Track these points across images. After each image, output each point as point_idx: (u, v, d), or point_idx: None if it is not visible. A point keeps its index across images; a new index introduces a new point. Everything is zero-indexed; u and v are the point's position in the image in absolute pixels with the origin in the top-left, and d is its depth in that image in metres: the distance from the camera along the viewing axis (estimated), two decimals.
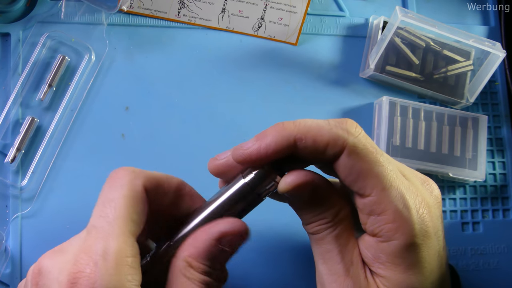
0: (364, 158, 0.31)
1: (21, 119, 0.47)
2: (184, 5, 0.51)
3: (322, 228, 0.33)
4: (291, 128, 0.32)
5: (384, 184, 0.31)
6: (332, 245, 0.33)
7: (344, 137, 0.31)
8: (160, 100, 0.49)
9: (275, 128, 0.32)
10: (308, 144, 0.31)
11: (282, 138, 0.32)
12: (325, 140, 0.31)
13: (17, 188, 0.46)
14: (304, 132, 0.32)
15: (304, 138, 0.31)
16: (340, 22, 0.54)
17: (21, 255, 0.45)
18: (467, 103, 0.53)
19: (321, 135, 0.31)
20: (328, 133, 0.31)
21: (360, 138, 0.32)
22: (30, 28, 0.48)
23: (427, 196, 0.34)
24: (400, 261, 0.32)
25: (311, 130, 0.32)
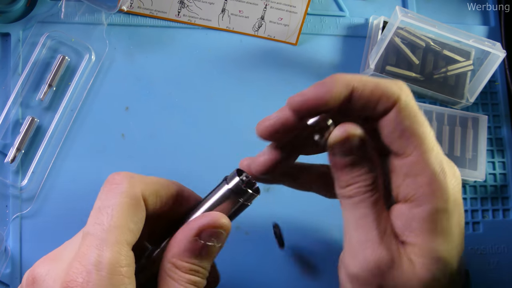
0: (412, 116, 0.32)
1: (21, 119, 0.47)
2: (184, 5, 0.51)
3: (361, 191, 0.33)
4: (349, 77, 0.32)
5: (427, 146, 0.32)
6: (369, 210, 0.32)
7: (398, 93, 0.32)
8: (160, 100, 0.49)
9: (333, 76, 0.32)
10: (364, 95, 0.32)
11: (342, 85, 0.32)
12: (380, 92, 0.32)
13: (17, 188, 0.46)
14: (363, 82, 0.32)
15: (362, 88, 0.32)
16: (340, 22, 0.54)
17: (21, 255, 0.44)
18: (467, 103, 0.53)
19: (377, 87, 0.32)
20: (384, 87, 0.32)
21: (411, 98, 0.32)
22: (30, 28, 0.48)
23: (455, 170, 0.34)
24: (432, 227, 0.31)
25: (369, 82, 0.32)
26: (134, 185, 0.32)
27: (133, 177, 0.32)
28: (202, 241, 0.32)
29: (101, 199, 0.32)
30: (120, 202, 0.31)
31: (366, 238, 0.32)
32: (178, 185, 0.35)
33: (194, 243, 0.32)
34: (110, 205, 0.31)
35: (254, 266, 0.47)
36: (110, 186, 0.32)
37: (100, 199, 0.32)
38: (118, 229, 0.30)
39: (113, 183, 0.32)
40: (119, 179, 0.32)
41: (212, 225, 0.33)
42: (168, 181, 0.34)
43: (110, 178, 0.32)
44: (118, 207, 0.31)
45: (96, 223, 0.31)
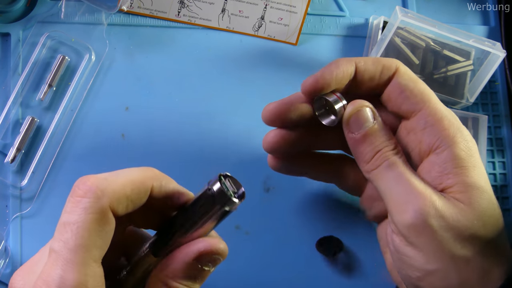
0: (414, 79, 0.38)
1: (21, 119, 0.47)
2: (184, 5, 0.51)
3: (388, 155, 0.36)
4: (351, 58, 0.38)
5: (434, 99, 0.37)
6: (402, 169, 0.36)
7: (396, 63, 0.38)
8: (160, 100, 0.49)
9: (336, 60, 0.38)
10: (367, 68, 0.38)
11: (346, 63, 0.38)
12: (381, 65, 0.38)
13: (17, 188, 0.46)
14: (364, 59, 0.38)
15: (364, 63, 0.38)
16: (340, 22, 0.54)
17: (21, 255, 0.44)
18: (467, 103, 0.53)
19: (377, 61, 0.38)
20: (383, 59, 0.38)
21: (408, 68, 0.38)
22: (30, 28, 0.48)
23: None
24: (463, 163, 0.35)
25: (369, 58, 0.38)
26: (100, 198, 0.29)
27: (99, 188, 0.29)
28: (199, 265, 0.32)
29: (66, 212, 0.30)
30: (85, 219, 0.29)
31: (409, 191, 0.35)
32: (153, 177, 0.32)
33: (192, 266, 0.32)
34: (74, 222, 0.29)
35: (254, 266, 0.47)
36: (75, 199, 0.30)
37: (66, 212, 0.30)
38: (83, 248, 0.29)
39: (78, 195, 0.29)
40: (84, 190, 0.29)
41: (212, 251, 0.32)
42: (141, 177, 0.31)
43: (75, 187, 0.30)
44: (83, 225, 0.29)
45: (61, 240, 0.29)
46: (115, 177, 0.30)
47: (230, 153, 0.49)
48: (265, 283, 0.47)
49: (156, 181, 0.32)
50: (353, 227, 0.49)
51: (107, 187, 0.29)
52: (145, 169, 0.32)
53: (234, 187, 0.32)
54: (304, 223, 0.49)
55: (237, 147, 0.50)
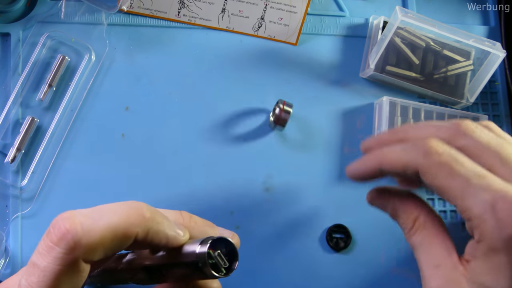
0: (437, 175, 0.33)
1: (21, 119, 0.47)
2: (184, 5, 0.51)
3: (405, 234, 0.37)
4: (377, 154, 0.37)
5: (463, 194, 0.33)
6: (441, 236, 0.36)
7: (416, 160, 0.34)
8: (160, 100, 0.49)
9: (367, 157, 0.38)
10: (391, 170, 0.36)
11: (369, 165, 0.38)
12: (400, 163, 0.35)
13: (17, 188, 0.46)
14: (384, 158, 0.37)
15: (384, 163, 0.36)
16: (340, 22, 0.54)
17: (21, 255, 0.44)
18: (467, 103, 0.53)
19: (398, 159, 0.36)
20: (405, 157, 0.35)
21: (434, 158, 0.33)
22: (30, 28, 0.48)
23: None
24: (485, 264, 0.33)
25: (389, 155, 0.36)
26: (73, 249, 0.27)
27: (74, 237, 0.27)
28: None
29: (38, 252, 0.28)
30: (53, 269, 0.27)
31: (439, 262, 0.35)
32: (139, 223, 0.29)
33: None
34: (43, 269, 0.27)
35: (254, 266, 0.47)
36: (47, 243, 0.28)
37: (38, 251, 0.28)
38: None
39: (52, 240, 0.27)
40: (58, 236, 0.27)
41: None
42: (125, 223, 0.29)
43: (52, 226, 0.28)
44: (51, 274, 0.27)
45: (27, 282, 0.28)
46: (95, 223, 0.28)
47: (230, 153, 0.49)
48: (265, 283, 0.47)
49: (142, 228, 0.29)
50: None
51: (83, 238, 0.27)
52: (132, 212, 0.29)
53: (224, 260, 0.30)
54: (304, 223, 0.49)
55: (237, 147, 0.50)
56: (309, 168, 0.50)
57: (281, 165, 0.50)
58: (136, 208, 0.29)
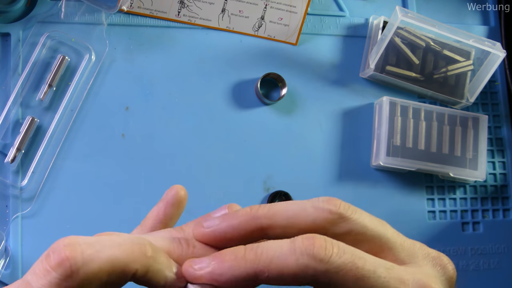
0: (343, 281, 0.27)
1: (21, 119, 0.47)
2: (184, 5, 0.51)
3: None
4: (251, 258, 0.27)
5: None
6: None
7: (312, 267, 0.27)
8: (160, 100, 0.49)
9: (235, 256, 0.28)
10: (271, 277, 0.27)
11: (240, 269, 0.27)
12: (291, 272, 0.27)
13: (17, 188, 0.45)
14: (266, 264, 0.27)
15: (266, 271, 0.27)
16: (340, 22, 0.54)
17: (21, 255, 0.44)
18: (467, 103, 0.53)
19: (286, 266, 0.27)
20: (295, 264, 0.27)
21: (333, 261, 0.27)
22: (30, 28, 0.48)
23: (437, 280, 0.30)
24: None
25: (274, 261, 0.27)
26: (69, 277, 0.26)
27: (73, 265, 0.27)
28: None
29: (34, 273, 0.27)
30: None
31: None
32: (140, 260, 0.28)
33: None
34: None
35: None
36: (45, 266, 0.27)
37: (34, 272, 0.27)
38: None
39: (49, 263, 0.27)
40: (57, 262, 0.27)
41: None
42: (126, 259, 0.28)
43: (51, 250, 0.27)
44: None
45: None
46: (96, 254, 0.27)
47: (230, 153, 0.49)
48: None
49: (142, 266, 0.28)
50: None
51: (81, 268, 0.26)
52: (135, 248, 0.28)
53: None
54: None
55: (237, 147, 0.50)
56: (309, 168, 0.50)
57: (281, 165, 0.50)
58: (140, 244, 0.28)
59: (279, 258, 0.27)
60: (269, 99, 0.50)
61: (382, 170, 0.52)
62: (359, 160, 0.52)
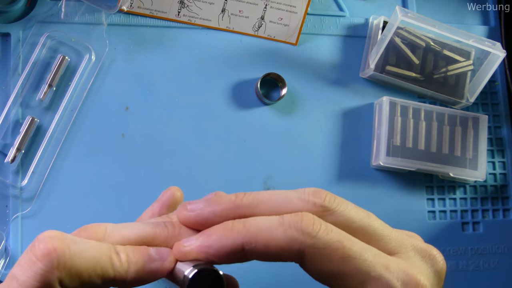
0: (330, 258, 0.27)
1: (21, 119, 0.47)
2: (184, 5, 0.51)
3: None
4: (239, 229, 0.27)
5: (362, 279, 0.27)
6: None
7: (299, 240, 0.27)
8: (160, 100, 0.49)
9: (222, 229, 0.28)
10: (258, 249, 0.27)
11: (227, 240, 0.27)
12: (278, 244, 0.27)
13: (17, 188, 0.45)
14: (253, 234, 0.27)
15: (253, 241, 0.27)
16: (340, 22, 0.54)
17: (21, 255, 0.44)
18: (467, 103, 0.53)
19: (273, 238, 0.27)
20: (282, 236, 0.27)
21: (320, 236, 0.27)
22: (30, 28, 0.48)
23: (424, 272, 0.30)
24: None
25: (261, 232, 0.27)
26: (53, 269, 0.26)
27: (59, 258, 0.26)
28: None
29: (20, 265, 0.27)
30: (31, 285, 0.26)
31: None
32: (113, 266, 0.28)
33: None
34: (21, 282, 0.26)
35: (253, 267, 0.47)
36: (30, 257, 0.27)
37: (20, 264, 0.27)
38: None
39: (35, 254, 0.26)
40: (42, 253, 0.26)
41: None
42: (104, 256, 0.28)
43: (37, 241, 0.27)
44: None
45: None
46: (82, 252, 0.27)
47: (230, 153, 0.49)
48: (265, 285, 0.47)
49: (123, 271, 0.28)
50: None
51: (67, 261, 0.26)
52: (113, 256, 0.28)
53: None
54: None
55: (237, 147, 0.50)
56: (309, 168, 0.50)
57: (281, 165, 0.50)
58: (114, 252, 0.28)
59: (266, 230, 0.27)
60: (269, 99, 0.50)
61: (382, 170, 0.52)
62: (359, 160, 0.52)
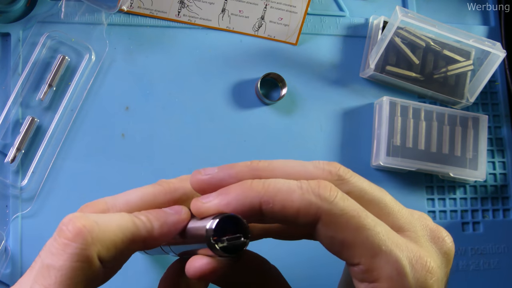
0: (345, 225, 0.27)
1: (21, 119, 0.47)
2: (184, 5, 0.51)
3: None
4: (258, 188, 0.27)
5: (373, 250, 0.27)
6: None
7: (317, 204, 0.27)
8: (160, 100, 0.49)
9: (241, 186, 0.28)
10: (276, 209, 0.27)
11: (246, 199, 0.27)
12: (295, 206, 0.27)
13: (17, 188, 0.46)
14: (272, 194, 0.27)
15: (272, 201, 0.27)
16: (340, 22, 0.54)
17: (21, 255, 0.44)
18: (467, 103, 0.53)
19: (291, 200, 0.27)
20: (300, 199, 0.27)
21: (337, 202, 0.27)
22: (30, 28, 0.48)
23: (432, 254, 0.30)
24: None
25: (280, 193, 0.27)
26: (89, 245, 0.27)
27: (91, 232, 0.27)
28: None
29: (51, 254, 0.27)
30: (71, 267, 0.26)
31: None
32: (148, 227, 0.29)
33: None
34: (59, 268, 0.26)
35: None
36: (62, 241, 0.27)
37: (51, 253, 0.27)
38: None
39: (66, 237, 0.27)
40: (73, 233, 0.27)
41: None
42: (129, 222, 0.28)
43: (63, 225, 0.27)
44: (69, 273, 0.26)
45: (43, 286, 0.26)
46: (108, 222, 0.28)
47: (230, 153, 0.49)
48: None
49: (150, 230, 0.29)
50: None
51: (98, 234, 0.27)
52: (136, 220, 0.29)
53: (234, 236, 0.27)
54: None
55: (237, 147, 0.50)
56: None
57: None
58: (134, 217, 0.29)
59: (285, 191, 0.27)
60: (269, 99, 0.50)
61: (382, 170, 0.52)
62: (359, 160, 0.52)
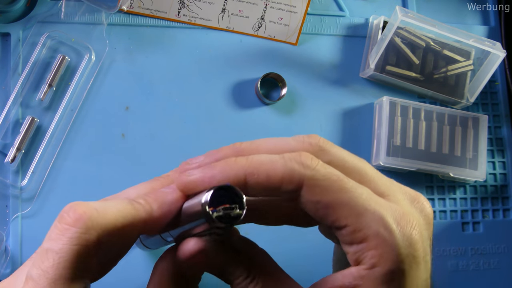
0: (328, 189, 0.28)
1: (21, 119, 0.47)
2: (184, 5, 0.51)
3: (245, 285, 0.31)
4: (242, 162, 0.29)
5: (358, 210, 0.28)
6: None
7: (300, 171, 0.28)
8: (160, 100, 0.49)
9: (225, 161, 0.29)
10: (260, 180, 0.28)
11: (231, 171, 0.29)
12: (279, 174, 0.28)
13: (17, 188, 0.46)
14: (256, 166, 0.29)
15: (256, 172, 0.28)
16: (340, 22, 0.54)
17: (21, 255, 0.44)
18: (467, 103, 0.53)
19: (274, 169, 0.28)
20: (283, 168, 0.28)
21: (319, 168, 0.28)
22: (30, 28, 0.48)
23: (414, 214, 0.30)
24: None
25: (263, 165, 0.29)
26: (89, 229, 0.27)
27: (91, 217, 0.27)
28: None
29: (50, 239, 0.27)
30: (70, 250, 0.27)
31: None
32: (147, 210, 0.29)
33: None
34: (58, 251, 0.27)
35: None
36: (62, 226, 0.27)
37: (50, 238, 0.27)
38: (64, 280, 0.26)
39: (67, 222, 0.27)
40: (74, 218, 0.27)
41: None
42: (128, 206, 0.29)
43: (64, 213, 0.28)
44: (67, 256, 0.26)
45: (40, 268, 0.27)
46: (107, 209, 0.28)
47: None
48: None
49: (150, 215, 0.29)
50: None
51: (98, 219, 0.27)
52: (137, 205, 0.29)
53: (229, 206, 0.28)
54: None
55: None
56: None
57: None
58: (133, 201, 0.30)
59: (268, 162, 0.29)
60: (269, 99, 0.50)
61: (382, 170, 0.51)
62: None
